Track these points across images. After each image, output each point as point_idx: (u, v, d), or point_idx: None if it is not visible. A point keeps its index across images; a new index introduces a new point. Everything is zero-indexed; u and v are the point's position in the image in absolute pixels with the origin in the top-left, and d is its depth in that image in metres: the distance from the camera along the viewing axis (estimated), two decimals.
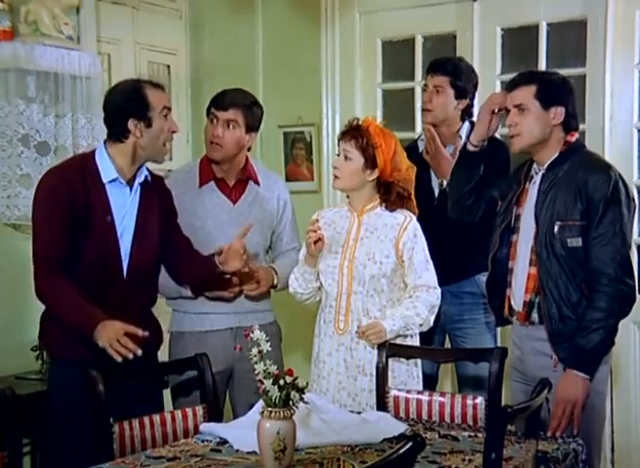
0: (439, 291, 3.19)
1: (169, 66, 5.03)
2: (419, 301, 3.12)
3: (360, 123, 3.17)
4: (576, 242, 2.87)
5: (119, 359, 2.74)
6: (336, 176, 3.19)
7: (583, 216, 2.87)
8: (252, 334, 2.29)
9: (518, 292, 3.01)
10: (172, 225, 3.19)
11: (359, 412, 2.88)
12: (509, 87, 3.06)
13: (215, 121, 3.42)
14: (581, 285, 2.87)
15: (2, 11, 3.91)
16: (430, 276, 3.18)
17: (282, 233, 3.60)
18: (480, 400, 2.88)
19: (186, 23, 5.12)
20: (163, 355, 3.36)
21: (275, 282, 3.49)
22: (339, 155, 3.20)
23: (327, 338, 3.20)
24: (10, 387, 2.86)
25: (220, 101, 3.43)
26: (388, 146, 3.16)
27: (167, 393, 3.35)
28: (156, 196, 3.11)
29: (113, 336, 2.75)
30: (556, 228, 2.89)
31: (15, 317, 4.07)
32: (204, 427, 2.70)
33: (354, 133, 3.15)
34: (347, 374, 3.15)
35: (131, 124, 2.93)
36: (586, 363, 2.85)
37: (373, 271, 3.14)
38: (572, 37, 4.25)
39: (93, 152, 3.04)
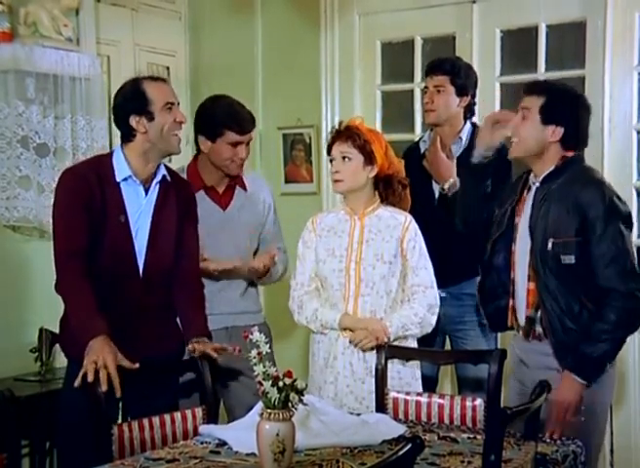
0: (436, 290, 3.20)
1: (168, 68, 5.02)
2: (415, 302, 3.15)
3: (348, 124, 3.20)
4: (569, 259, 2.84)
5: (104, 388, 2.67)
6: (337, 180, 3.19)
7: (578, 233, 2.84)
8: (251, 336, 2.29)
9: (520, 307, 3.00)
10: (186, 233, 3.13)
11: (358, 414, 2.88)
12: (524, 90, 3.03)
13: (238, 144, 3.43)
14: (581, 297, 2.85)
15: (1, 12, 3.91)
16: (427, 275, 3.19)
17: (267, 235, 3.64)
18: (479, 402, 2.88)
19: (186, 25, 5.13)
20: None
21: (271, 270, 3.56)
22: (332, 161, 3.20)
23: (333, 342, 3.18)
24: (9, 389, 2.87)
25: (244, 125, 3.44)
26: (379, 141, 3.21)
27: None
28: (175, 197, 3.08)
29: (100, 363, 2.68)
30: (549, 245, 2.86)
31: (14, 319, 4.07)
32: (203, 429, 2.70)
33: (348, 133, 3.17)
34: (354, 378, 3.14)
35: (132, 120, 2.94)
36: (587, 370, 2.83)
37: (383, 271, 3.14)
38: (571, 39, 4.25)
39: (110, 153, 3.07)
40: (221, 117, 3.43)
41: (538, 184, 2.97)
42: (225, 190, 3.54)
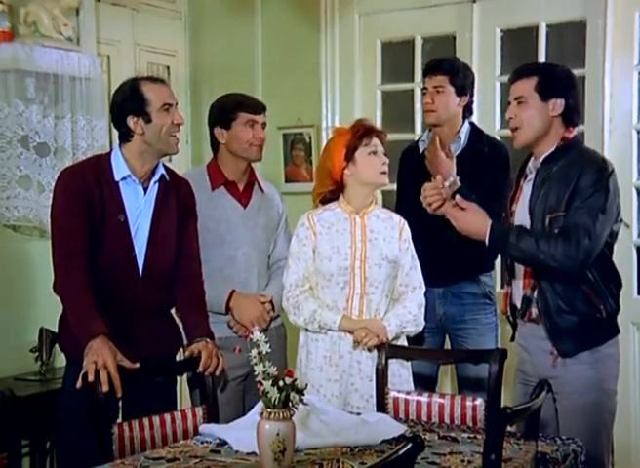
0: (423, 290, 3.24)
1: (168, 67, 5.03)
2: (406, 301, 3.19)
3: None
4: None
5: (105, 388, 2.67)
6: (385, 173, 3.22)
7: (567, 207, 2.86)
8: (251, 336, 2.29)
9: (517, 289, 3.02)
10: (186, 233, 3.13)
11: (359, 414, 2.88)
12: (512, 78, 3.03)
13: (254, 124, 3.48)
14: (575, 277, 2.87)
15: (1, 12, 3.92)
16: (417, 275, 3.24)
17: (277, 241, 3.61)
18: (480, 401, 2.88)
19: (186, 25, 5.13)
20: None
21: (272, 314, 3.51)
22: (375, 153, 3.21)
23: (335, 340, 3.16)
24: (9, 389, 2.86)
25: (257, 107, 3.52)
26: None
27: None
28: (174, 197, 3.08)
29: (100, 363, 2.68)
30: (547, 222, 2.89)
31: (14, 318, 4.07)
32: (203, 428, 2.70)
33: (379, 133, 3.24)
34: (361, 376, 3.13)
35: (130, 121, 2.94)
36: (497, 239, 2.91)
37: (389, 271, 3.17)
38: (571, 38, 4.26)
39: (109, 153, 3.07)
40: (232, 103, 3.50)
41: (538, 165, 2.98)
42: (245, 188, 3.54)
